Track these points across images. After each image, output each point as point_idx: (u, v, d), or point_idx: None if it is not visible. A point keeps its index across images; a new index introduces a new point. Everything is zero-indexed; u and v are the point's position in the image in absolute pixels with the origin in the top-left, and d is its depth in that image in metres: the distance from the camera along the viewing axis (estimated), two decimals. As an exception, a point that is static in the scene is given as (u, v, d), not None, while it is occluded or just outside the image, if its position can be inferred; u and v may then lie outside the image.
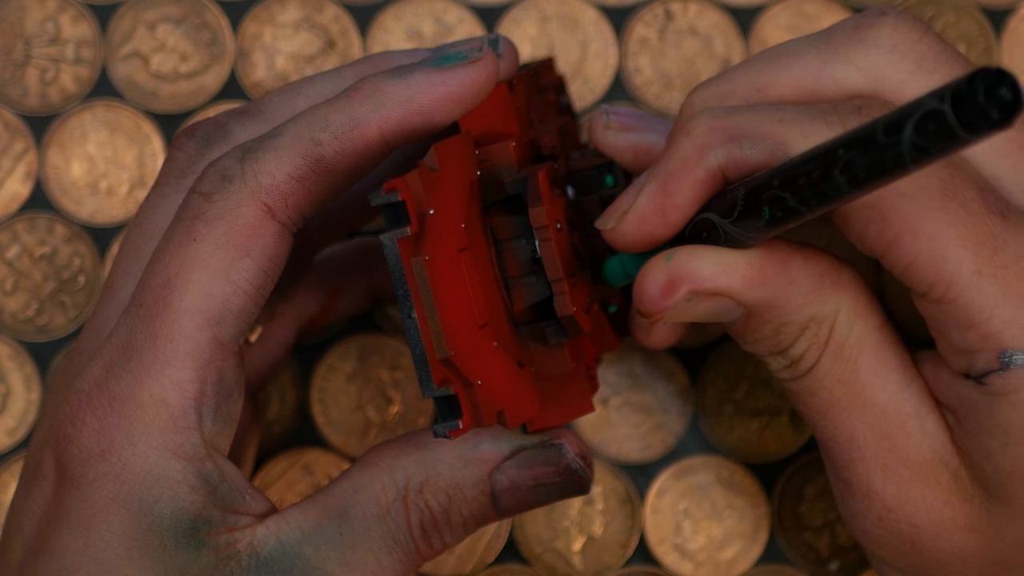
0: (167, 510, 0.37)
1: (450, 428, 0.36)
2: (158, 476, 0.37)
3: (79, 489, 0.38)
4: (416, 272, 0.35)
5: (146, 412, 0.37)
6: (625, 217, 0.39)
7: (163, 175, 0.42)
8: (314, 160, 0.38)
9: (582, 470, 0.40)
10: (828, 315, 0.39)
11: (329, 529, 0.38)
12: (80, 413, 0.38)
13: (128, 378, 0.38)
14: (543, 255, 0.39)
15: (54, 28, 0.51)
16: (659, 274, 0.38)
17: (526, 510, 0.40)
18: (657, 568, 0.50)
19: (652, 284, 0.38)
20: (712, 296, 0.38)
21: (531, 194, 0.39)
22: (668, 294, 0.38)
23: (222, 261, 0.38)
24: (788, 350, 0.39)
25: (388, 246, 0.35)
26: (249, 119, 0.41)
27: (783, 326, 0.39)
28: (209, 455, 0.38)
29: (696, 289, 0.38)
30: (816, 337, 0.39)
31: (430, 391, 0.36)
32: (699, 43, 0.51)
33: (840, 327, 0.39)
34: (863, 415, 0.39)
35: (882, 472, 0.39)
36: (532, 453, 0.40)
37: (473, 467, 0.39)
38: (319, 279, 0.47)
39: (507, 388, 0.38)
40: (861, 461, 0.39)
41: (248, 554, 0.38)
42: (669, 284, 0.38)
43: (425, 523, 0.39)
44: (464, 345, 0.37)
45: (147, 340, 0.38)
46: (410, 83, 0.39)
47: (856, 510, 0.40)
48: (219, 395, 0.38)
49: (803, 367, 0.39)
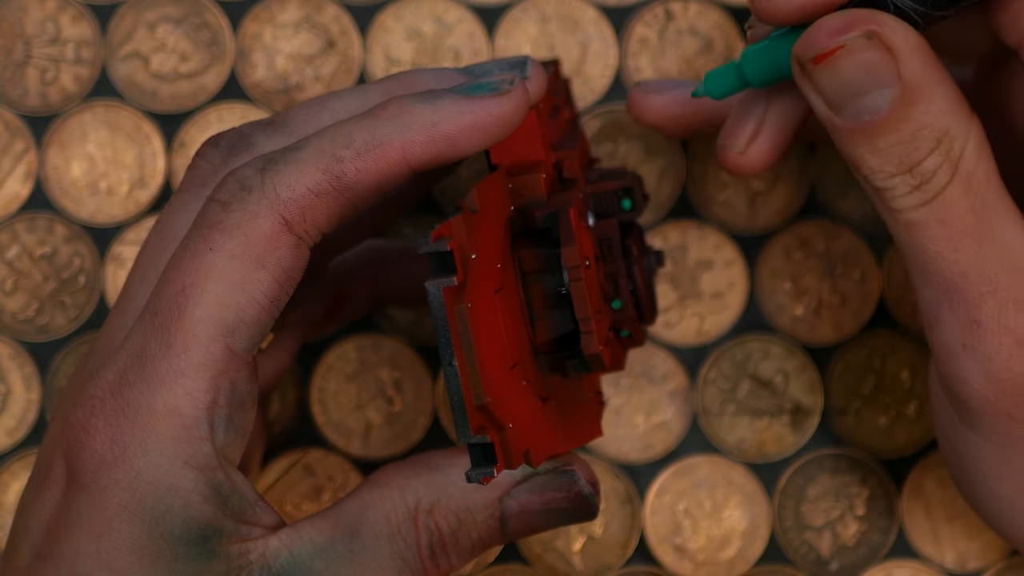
0: (178, 519, 0.37)
1: (484, 475, 0.36)
2: (170, 485, 0.37)
3: (90, 495, 0.37)
4: (458, 320, 0.35)
5: (159, 421, 0.37)
6: None
7: (185, 183, 0.42)
8: (335, 176, 0.38)
9: (592, 497, 0.40)
10: (961, 136, 0.38)
11: (340, 545, 0.38)
12: (93, 419, 0.38)
13: (141, 386, 0.38)
14: (573, 295, 0.39)
15: (54, 28, 0.51)
16: (837, 16, 0.37)
17: (532, 534, 0.40)
18: (657, 568, 0.50)
19: (827, 23, 0.37)
20: (883, 49, 0.37)
21: (563, 232, 0.39)
22: (845, 30, 0.37)
23: (238, 272, 0.38)
24: (920, 164, 0.38)
25: (434, 294, 0.35)
26: (274, 131, 0.41)
27: (923, 129, 0.38)
28: (220, 465, 0.38)
29: (878, 30, 0.37)
30: (949, 155, 0.38)
31: (467, 438, 0.36)
32: (699, 43, 0.51)
33: (968, 155, 0.38)
34: (994, 249, 0.38)
35: (1015, 307, 0.39)
36: (544, 479, 0.40)
37: (484, 490, 0.39)
38: (325, 283, 0.47)
39: (535, 428, 0.38)
40: (993, 295, 0.39)
41: (260, 565, 0.38)
42: (848, 21, 0.37)
43: (434, 544, 0.39)
44: (498, 390, 0.37)
45: (161, 349, 0.38)
46: (437, 108, 0.38)
47: (983, 353, 0.39)
48: (231, 405, 0.38)
49: (933, 188, 0.38)
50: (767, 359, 0.50)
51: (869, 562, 0.50)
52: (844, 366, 0.50)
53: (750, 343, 0.50)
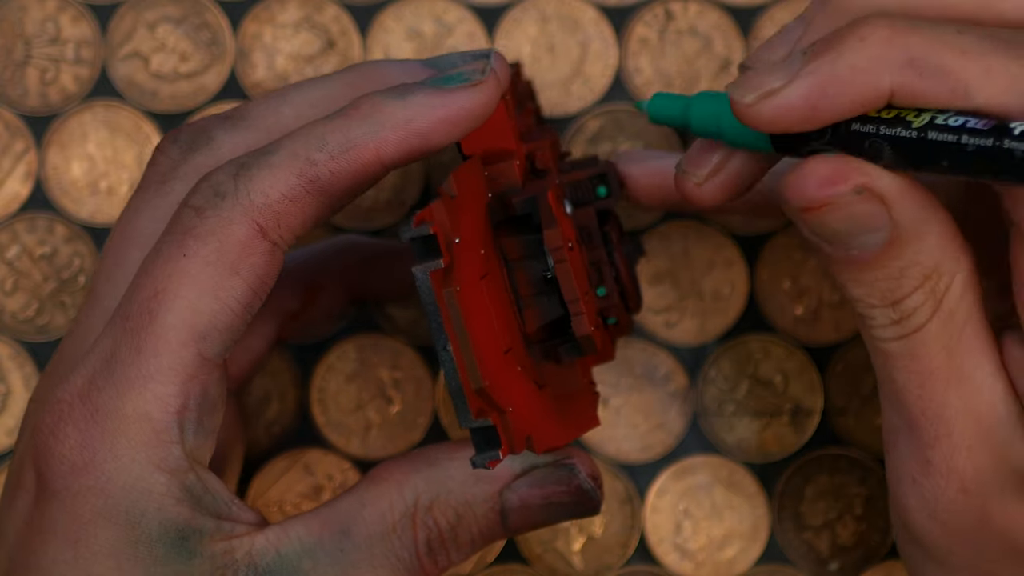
0: (154, 522, 0.37)
1: (490, 459, 0.36)
2: (143, 489, 0.37)
3: (62, 502, 0.37)
4: (448, 304, 0.35)
5: (129, 426, 0.37)
6: (769, 99, 0.36)
7: (145, 180, 0.41)
8: (309, 180, 0.38)
9: (593, 491, 0.39)
10: (949, 272, 0.37)
11: (330, 544, 0.38)
12: (61, 424, 0.37)
13: (111, 391, 0.37)
14: (559, 277, 0.39)
15: (54, 28, 0.51)
16: (826, 164, 0.36)
17: (534, 529, 0.40)
18: (657, 568, 0.50)
19: (818, 172, 0.35)
20: (875, 200, 0.36)
21: (544, 216, 0.39)
22: (835, 183, 0.35)
23: (211, 278, 0.37)
24: (903, 301, 0.37)
25: (421, 279, 0.35)
26: (232, 126, 0.41)
27: (911, 267, 0.37)
28: (191, 467, 0.38)
29: (868, 184, 0.35)
30: (933, 293, 0.37)
31: (468, 422, 0.35)
32: (699, 43, 0.51)
33: (954, 291, 0.37)
34: (958, 390, 0.38)
35: (967, 452, 0.38)
36: (544, 472, 0.39)
37: (484, 484, 0.39)
38: (297, 276, 0.47)
39: (533, 413, 0.38)
40: (947, 438, 0.38)
41: (246, 564, 0.37)
42: (836, 173, 0.35)
43: (432, 541, 0.39)
44: (494, 374, 0.37)
45: (131, 354, 0.37)
46: (409, 104, 0.38)
47: (930, 492, 0.39)
48: (201, 409, 0.38)
49: (912, 324, 0.38)
50: (767, 359, 0.50)
51: (869, 562, 0.50)
52: (844, 366, 0.50)
53: (750, 343, 0.50)
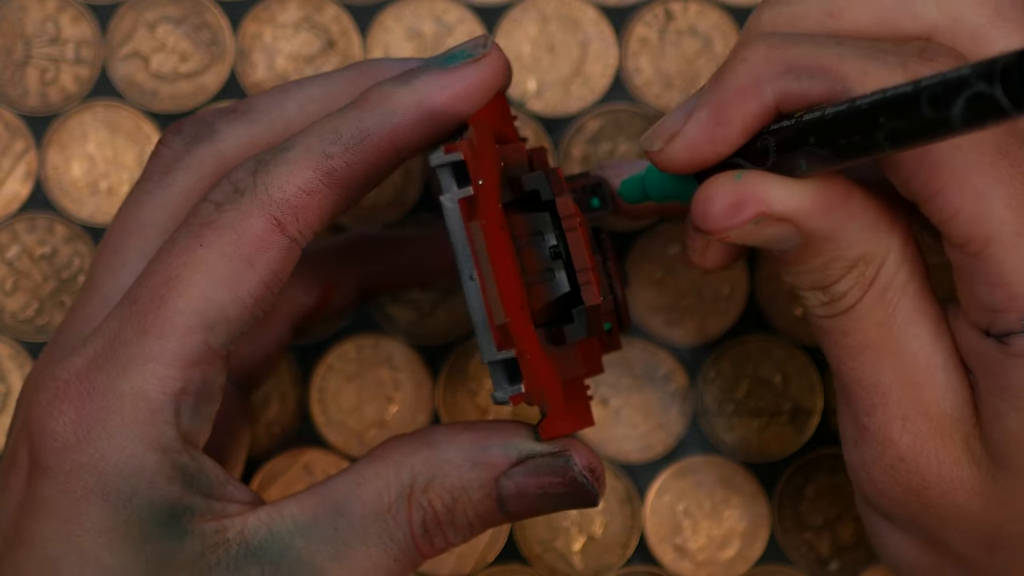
0: (145, 500, 0.37)
1: (512, 392, 0.35)
2: (135, 467, 0.37)
3: (55, 479, 0.37)
4: (475, 235, 0.35)
5: (124, 404, 0.37)
6: (673, 142, 0.38)
7: (148, 171, 0.42)
8: (325, 173, 0.38)
9: (589, 484, 0.39)
10: (879, 255, 0.38)
11: (323, 523, 0.38)
12: (57, 402, 0.38)
13: (111, 370, 0.38)
14: (571, 244, 0.39)
15: (54, 28, 0.51)
16: (727, 193, 0.37)
17: (535, 515, 0.40)
18: (657, 568, 0.50)
19: (719, 202, 0.37)
20: (778, 222, 0.37)
21: (555, 185, 0.39)
22: (735, 214, 0.37)
23: (226, 269, 0.38)
24: (832, 286, 0.38)
25: (450, 207, 0.35)
26: (236, 119, 0.41)
27: (834, 261, 0.38)
28: (185, 448, 0.38)
29: (766, 212, 0.37)
30: (862, 276, 0.38)
31: (491, 355, 0.35)
32: (699, 43, 0.51)
33: (887, 269, 0.38)
34: (893, 361, 0.39)
35: (902, 421, 0.39)
36: (540, 462, 0.39)
37: (480, 470, 0.39)
38: (313, 273, 0.47)
39: (547, 371, 0.38)
40: (883, 407, 0.39)
41: (238, 542, 0.38)
42: (738, 203, 0.37)
43: (428, 522, 0.39)
44: (514, 320, 0.36)
45: (136, 335, 0.38)
46: (417, 88, 0.38)
47: (868, 457, 0.40)
48: (199, 396, 0.38)
49: (843, 305, 0.38)
50: (767, 359, 0.50)
51: (869, 562, 0.50)
52: (844, 366, 0.50)
53: (750, 343, 0.50)
